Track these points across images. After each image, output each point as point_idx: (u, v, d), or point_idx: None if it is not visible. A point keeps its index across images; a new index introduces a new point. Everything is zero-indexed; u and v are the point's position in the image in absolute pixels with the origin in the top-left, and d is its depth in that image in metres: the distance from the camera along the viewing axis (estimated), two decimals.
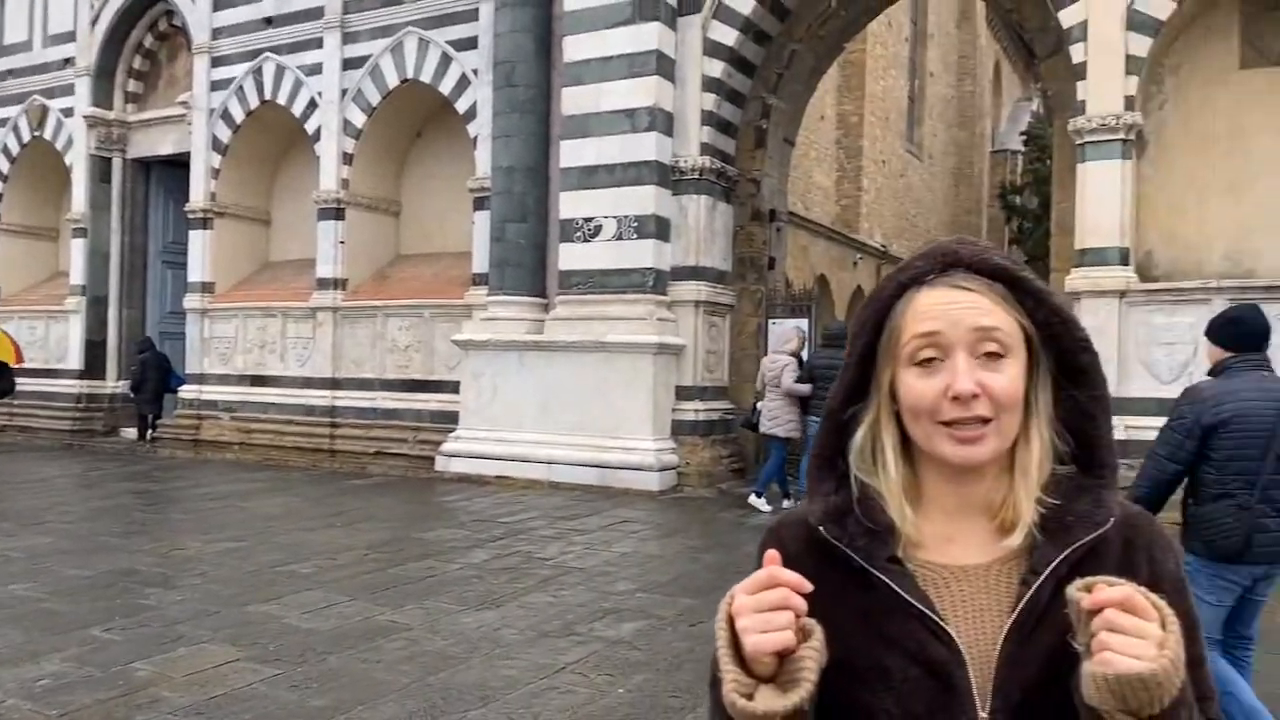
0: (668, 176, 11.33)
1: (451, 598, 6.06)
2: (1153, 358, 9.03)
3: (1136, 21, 9.15)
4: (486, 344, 11.85)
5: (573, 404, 11.21)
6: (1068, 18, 9.51)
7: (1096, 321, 8.81)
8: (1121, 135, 9.13)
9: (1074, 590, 0.89)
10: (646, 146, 11.10)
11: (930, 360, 1.01)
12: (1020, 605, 0.99)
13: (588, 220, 11.41)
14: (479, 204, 12.59)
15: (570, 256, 11.55)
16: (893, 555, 1.03)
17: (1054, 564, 0.99)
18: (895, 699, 0.99)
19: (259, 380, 14.53)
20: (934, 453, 1.02)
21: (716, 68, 11.38)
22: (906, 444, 1.06)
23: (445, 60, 13.00)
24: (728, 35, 11.29)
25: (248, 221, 15.44)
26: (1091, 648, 0.86)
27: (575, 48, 11.52)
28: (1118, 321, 9.10)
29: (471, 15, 12.67)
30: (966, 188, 30.61)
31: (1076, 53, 9.47)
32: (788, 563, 0.94)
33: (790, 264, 17.26)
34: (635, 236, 11.16)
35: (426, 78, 13.18)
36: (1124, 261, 9.14)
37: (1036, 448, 1.03)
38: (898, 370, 1.03)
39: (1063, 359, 1.04)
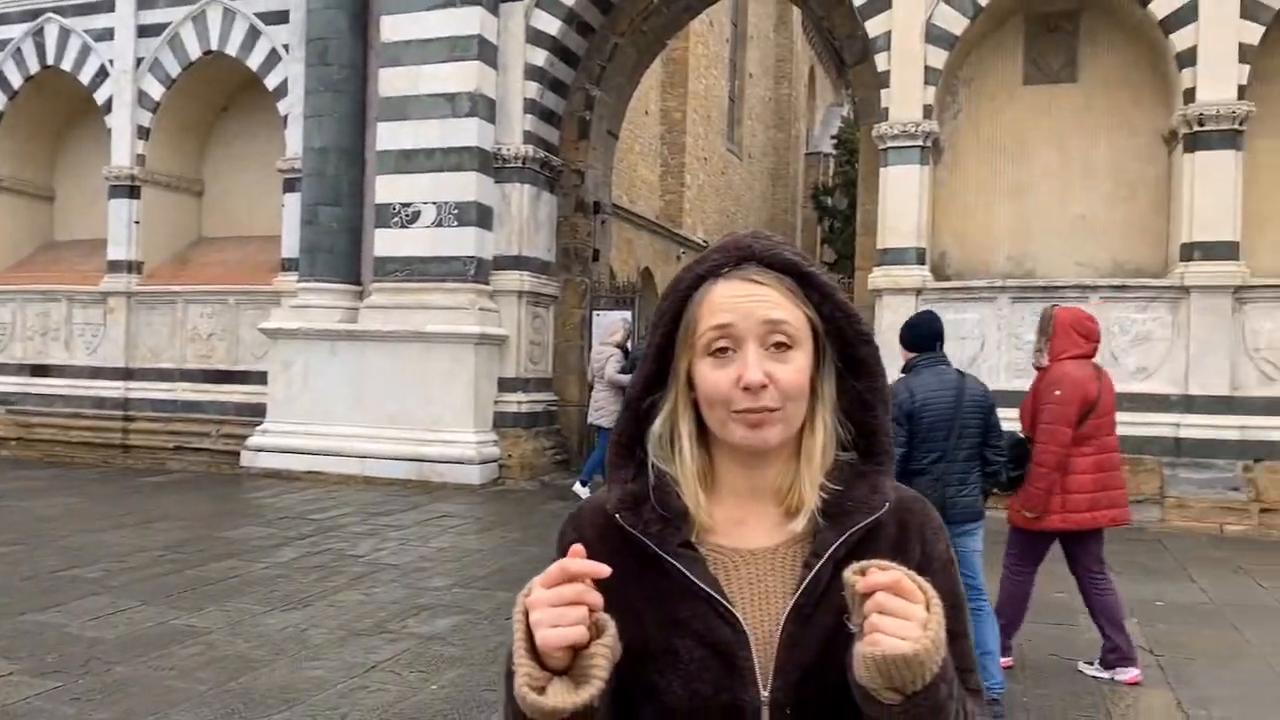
0: (490, 163, 11.17)
1: (255, 598, 5.78)
2: (946, 351, 9.65)
3: (934, 35, 9.76)
4: (297, 333, 11.34)
5: (390, 395, 10.89)
6: (873, 27, 10.03)
7: (896, 317, 9.31)
8: (920, 142, 9.72)
9: (849, 574, 0.93)
10: (468, 132, 10.91)
11: (724, 350, 1.03)
12: (801, 588, 1.03)
13: (406, 205, 11.10)
14: (290, 185, 12.01)
15: (387, 242, 11.21)
16: (685, 541, 1.05)
17: (833, 547, 1.03)
18: (683, 680, 1.02)
19: (40, 370, 13.34)
20: (726, 438, 1.05)
21: (540, 56, 11.31)
22: (703, 431, 1.08)
23: (253, 33, 12.32)
24: (551, 24, 11.24)
25: (27, 197, 14.12)
26: (864, 629, 0.91)
27: (393, 28, 11.17)
28: None
29: None
30: (783, 188, 31.80)
31: (881, 61, 10.01)
32: (587, 549, 0.96)
33: (615, 256, 17.44)
34: (456, 224, 10.95)
35: (232, 50, 12.45)
36: (921, 261, 9.73)
37: (820, 435, 1.07)
38: (694, 360, 1.06)
39: (845, 351, 1.08)
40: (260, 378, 11.93)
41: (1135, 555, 7.54)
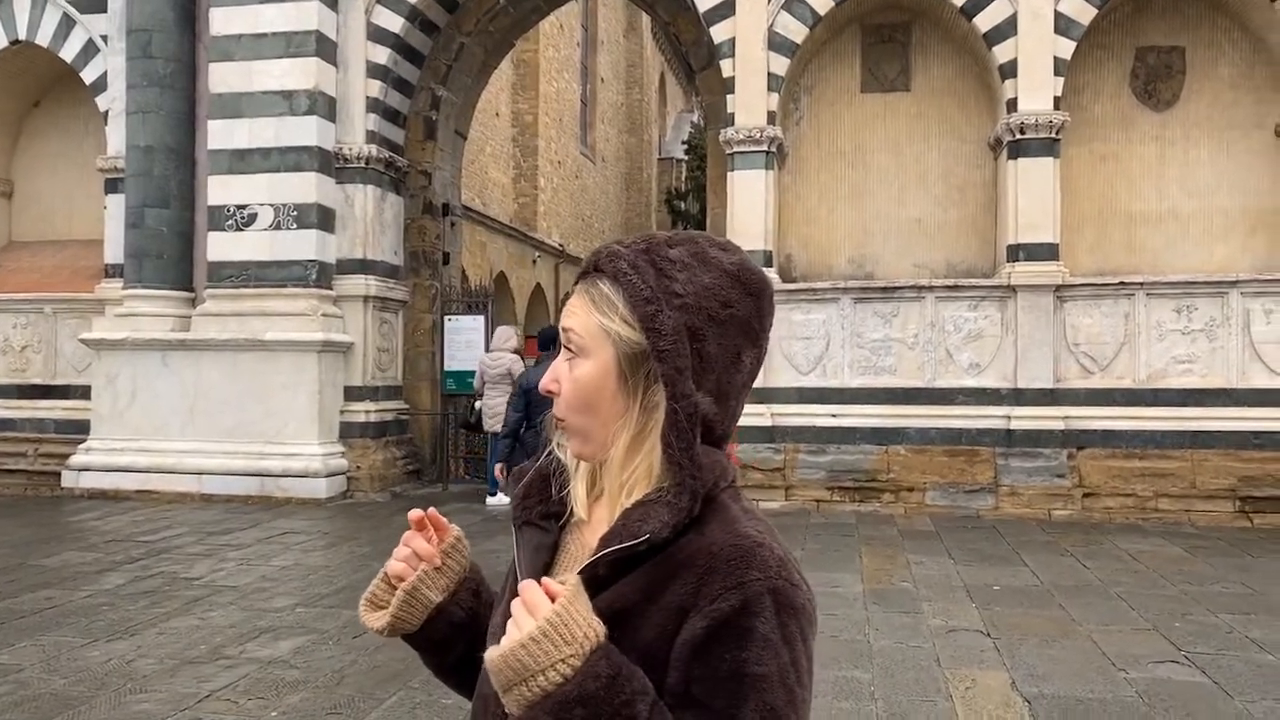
0: (331, 164, 10.75)
1: (75, 630, 5.33)
2: (792, 350, 9.93)
3: (776, 42, 10.01)
4: (123, 343, 10.60)
5: (227, 408, 10.33)
6: (718, 34, 10.20)
7: None
8: (765, 147, 9.95)
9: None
10: (306, 131, 10.46)
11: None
12: None
13: (241, 208, 10.55)
14: (112, 186, 11.23)
15: (221, 247, 10.63)
16: (532, 519, 1.09)
17: (588, 563, 0.97)
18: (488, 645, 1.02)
19: None
20: None
21: (382, 54, 10.97)
22: None
23: (67, 22, 11.46)
24: (393, 22, 10.92)
25: None
26: None
27: (225, 21, 10.61)
28: None
29: None
30: (637, 192, 32.07)
31: (726, 68, 10.19)
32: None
33: (469, 260, 17.14)
34: (295, 226, 10.48)
35: (43, 40, 11.55)
36: (768, 264, 9.95)
37: (640, 455, 1.00)
38: None
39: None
40: (83, 392, 11.12)
41: (974, 543, 7.93)
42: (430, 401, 11.89)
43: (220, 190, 10.61)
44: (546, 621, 0.87)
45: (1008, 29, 9.64)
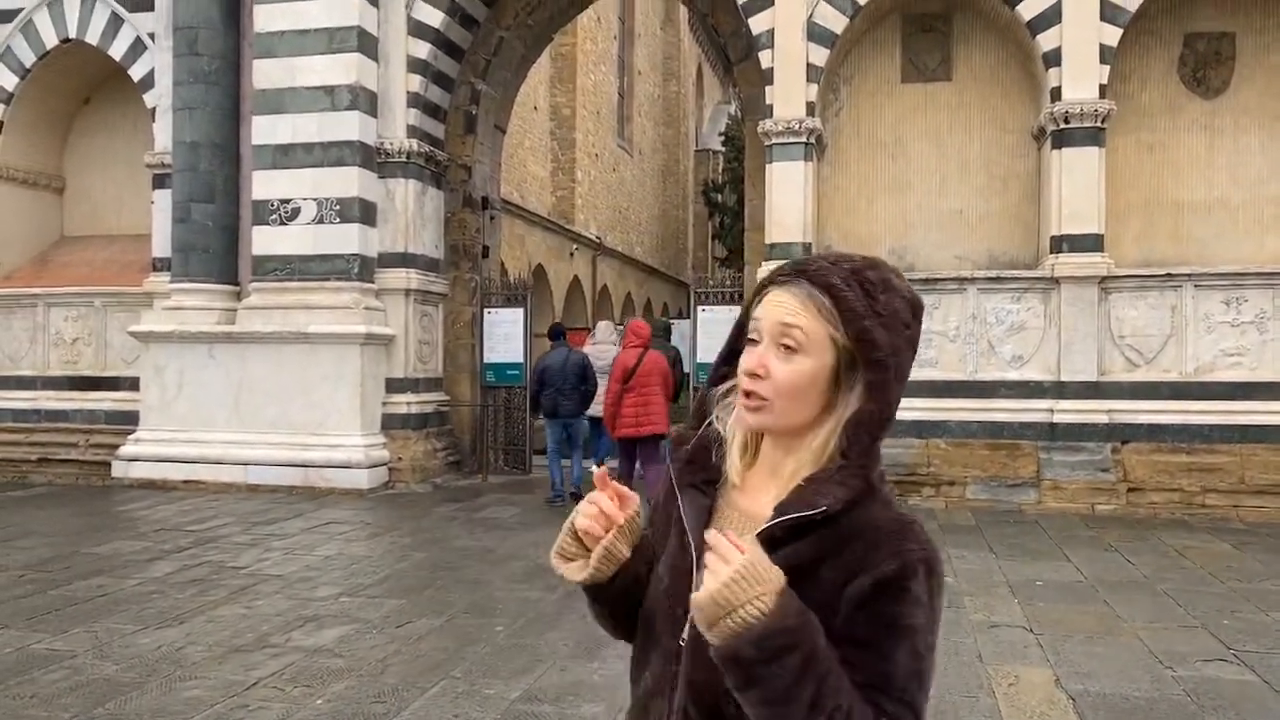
0: (372, 158, 10.87)
1: (126, 617, 5.47)
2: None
3: (816, 33, 9.93)
4: (171, 335, 10.81)
5: (272, 399, 10.50)
6: (756, 25, 10.15)
7: None
8: (804, 139, 9.88)
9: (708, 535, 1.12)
10: (348, 126, 10.58)
11: (753, 342, 1.22)
12: None
13: (285, 202, 10.70)
14: (159, 181, 11.43)
15: (265, 240, 10.79)
16: (696, 482, 1.28)
17: (765, 526, 1.16)
18: (656, 583, 1.28)
19: None
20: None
21: (422, 49, 11.06)
22: None
23: (116, 20, 11.68)
24: (433, 16, 11.00)
25: None
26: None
27: (268, 18, 10.75)
28: None
29: None
30: (674, 184, 32.03)
31: (765, 59, 10.13)
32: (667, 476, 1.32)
33: (507, 253, 17.24)
34: (338, 220, 10.62)
35: (93, 39, 11.78)
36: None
37: (820, 440, 1.20)
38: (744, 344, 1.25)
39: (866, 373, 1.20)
40: (132, 384, 11.35)
41: (1016, 538, 7.84)
42: (470, 393, 11.99)
43: (264, 185, 10.77)
44: (743, 565, 1.05)
45: (1052, 16, 9.48)
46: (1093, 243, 9.33)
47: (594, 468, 1.30)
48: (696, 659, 1.16)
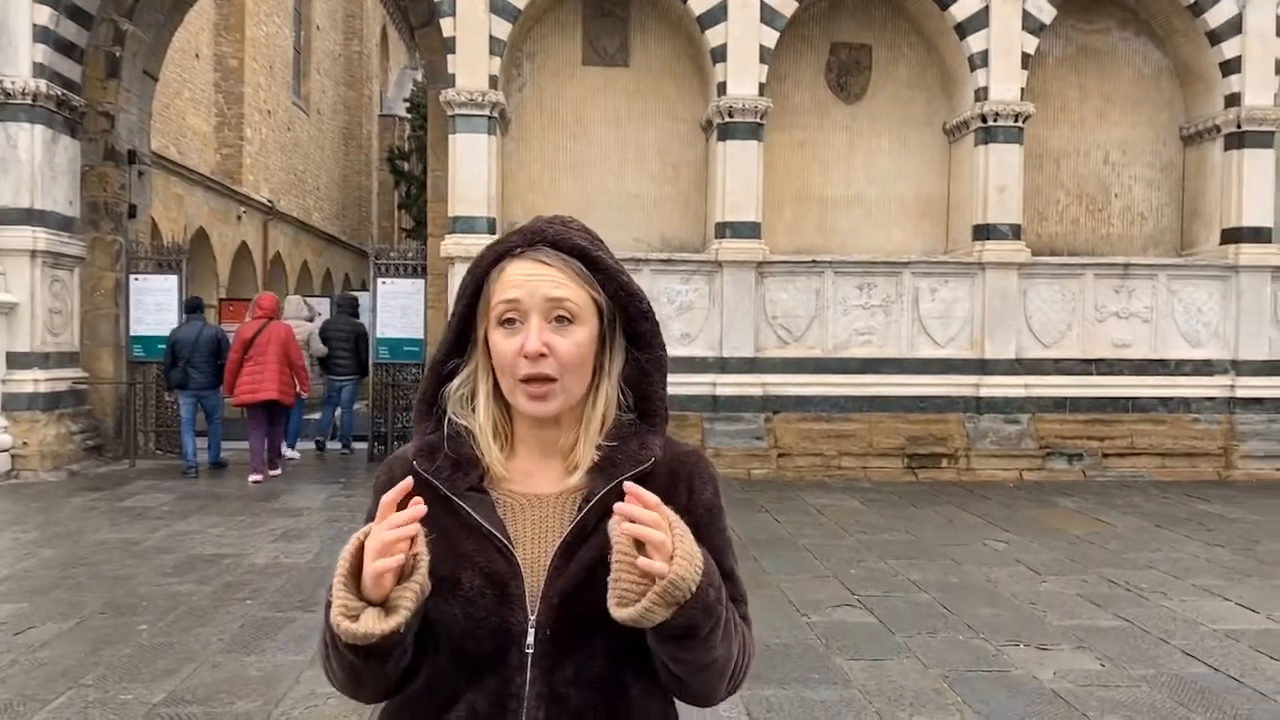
0: None
1: None
2: None
3: (498, 5, 9.88)
4: None
5: None
6: None
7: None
8: (487, 112, 9.82)
9: (612, 522, 1.08)
10: None
11: (512, 322, 1.17)
12: (570, 528, 1.18)
13: None
14: None
15: None
16: (473, 484, 1.20)
17: (600, 494, 1.17)
18: (462, 605, 1.15)
19: None
20: (514, 405, 1.20)
21: None
22: (502, 393, 1.22)
23: None
24: None
25: None
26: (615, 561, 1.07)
27: None
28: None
29: None
30: (357, 149, 30.63)
31: (447, 27, 9.93)
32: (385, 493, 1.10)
33: (162, 214, 15.64)
34: None
35: None
36: (491, 230, 9.88)
37: (600, 405, 1.21)
38: (490, 329, 1.19)
39: (629, 326, 1.23)
40: None
41: None
42: (114, 370, 10.77)
43: None
44: (680, 532, 1.07)
45: (719, 14, 10.10)
46: (751, 230, 10.11)
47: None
48: (559, 657, 1.15)
